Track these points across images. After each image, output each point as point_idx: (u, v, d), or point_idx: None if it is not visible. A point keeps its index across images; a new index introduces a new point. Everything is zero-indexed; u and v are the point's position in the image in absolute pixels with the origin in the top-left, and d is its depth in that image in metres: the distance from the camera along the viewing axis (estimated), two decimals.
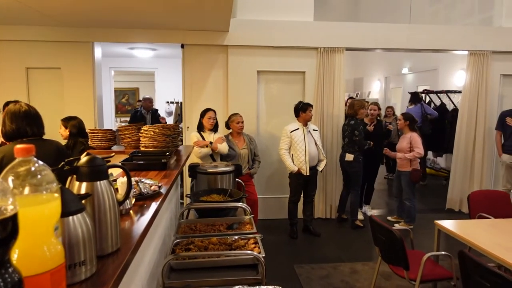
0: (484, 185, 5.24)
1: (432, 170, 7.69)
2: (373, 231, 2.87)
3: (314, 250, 4.06)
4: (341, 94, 4.98)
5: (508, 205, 3.46)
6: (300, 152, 4.21)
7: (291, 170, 4.23)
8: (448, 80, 7.52)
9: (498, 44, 5.14)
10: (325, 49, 4.87)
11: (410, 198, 4.57)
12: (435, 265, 2.78)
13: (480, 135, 5.21)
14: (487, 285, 1.99)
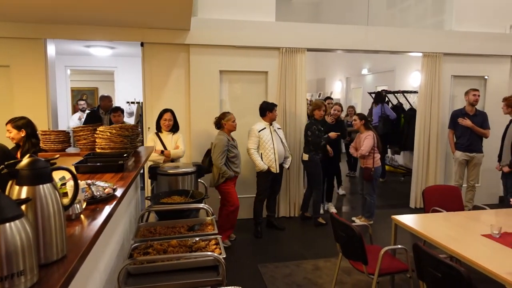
0: (438, 181, 5.51)
1: (391, 168, 7.99)
2: (333, 228, 2.93)
3: (278, 249, 4.08)
4: (303, 94, 5.05)
5: (458, 199, 3.65)
6: (269, 151, 4.25)
7: (262, 169, 4.25)
8: (404, 81, 7.85)
9: (449, 47, 5.43)
10: (287, 49, 4.92)
11: (371, 194, 4.73)
12: (392, 258, 2.87)
13: (434, 133, 5.47)
14: (439, 276, 2.08)
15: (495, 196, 5.73)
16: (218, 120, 4.06)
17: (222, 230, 4.03)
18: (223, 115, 4.05)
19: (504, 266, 2.09)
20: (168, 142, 4.02)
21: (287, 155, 4.49)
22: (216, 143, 3.96)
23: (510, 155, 4.35)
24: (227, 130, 4.03)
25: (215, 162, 3.92)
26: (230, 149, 3.97)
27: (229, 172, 3.92)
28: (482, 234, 2.59)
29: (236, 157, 4.03)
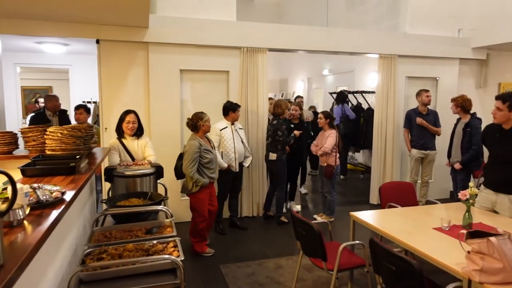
0: (394, 177, 5.73)
1: (351, 166, 8.22)
2: (294, 226, 2.96)
3: (240, 249, 4.07)
4: (264, 93, 5.08)
5: (412, 195, 3.81)
6: (230, 150, 4.24)
7: (222, 167, 4.21)
8: (363, 81, 8.11)
9: (403, 49, 5.66)
10: (248, 49, 4.93)
11: (331, 192, 4.83)
12: (351, 254, 2.95)
13: (390, 132, 5.69)
14: (393, 269, 2.15)
15: (447, 191, 6.05)
16: (194, 122, 3.70)
17: (195, 239, 3.90)
18: (200, 117, 3.70)
19: (453, 257, 2.20)
20: (134, 148, 3.50)
21: (247, 154, 4.51)
22: (187, 149, 3.65)
23: (460, 152, 4.61)
24: (203, 132, 3.73)
25: (185, 171, 3.61)
26: (203, 154, 3.65)
27: (203, 179, 3.64)
28: (433, 228, 2.72)
29: (211, 162, 3.71)
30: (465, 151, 4.55)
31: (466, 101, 4.61)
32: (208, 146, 3.77)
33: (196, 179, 3.62)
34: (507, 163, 2.97)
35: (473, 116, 4.61)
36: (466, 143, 4.54)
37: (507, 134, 2.99)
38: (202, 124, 3.71)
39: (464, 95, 4.71)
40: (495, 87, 6.48)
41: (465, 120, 4.61)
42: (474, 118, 4.58)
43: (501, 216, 3.01)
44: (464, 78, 6.20)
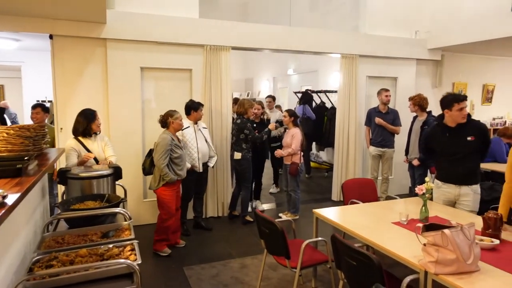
0: (357, 174, 5.87)
1: (315, 164, 8.34)
2: (258, 225, 2.94)
3: (205, 250, 4.00)
4: (228, 92, 5.03)
5: (373, 191, 3.91)
6: (193, 150, 4.15)
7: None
8: (327, 81, 8.25)
9: (364, 49, 5.81)
10: (211, 47, 4.86)
11: (295, 190, 4.86)
12: (314, 251, 2.97)
13: (352, 130, 5.82)
14: (354, 264, 2.18)
15: (406, 187, 6.27)
16: (165, 119, 3.77)
17: (158, 238, 3.82)
18: (170, 114, 3.77)
19: (410, 250, 2.26)
20: (95, 147, 3.44)
21: (212, 154, 4.44)
22: (159, 142, 3.68)
23: (418, 149, 4.78)
24: (173, 129, 3.77)
25: (157, 162, 3.65)
26: (174, 149, 3.69)
27: (171, 175, 3.65)
28: (393, 222, 2.79)
29: (180, 158, 3.75)
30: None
31: (423, 100, 4.79)
32: (178, 143, 3.81)
33: (165, 173, 3.64)
34: (466, 155, 3.11)
35: (429, 114, 4.80)
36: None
37: (456, 130, 3.14)
38: (172, 121, 3.75)
39: (421, 94, 4.89)
40: (450, 87, 6.81)
41: (422, 118, 4.79)
42: (430, 116, 4.77)
43: (455, 209, 3.15)
44: (421, 78, 6.46)
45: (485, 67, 7.25)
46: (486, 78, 7.31)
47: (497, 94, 7.50)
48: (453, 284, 1.90)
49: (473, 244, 1.99)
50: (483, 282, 1.90)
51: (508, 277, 1.95)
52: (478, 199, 3.14)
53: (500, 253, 2.25)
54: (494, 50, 6.62)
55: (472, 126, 3.12)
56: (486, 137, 3.14)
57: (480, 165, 3.23)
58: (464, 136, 3.09)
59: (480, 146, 3.12)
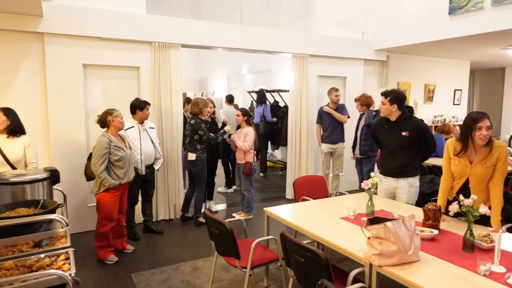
0: (309, 172, 5.96)
1: (270, 163, 8.39)
2: (208, 226, 2.86)
3: (155, 254, 3.85)
4: (179, 91, 4.89)
5: (324, 187, 3.98)
6: (136, 151, 3.96)
7: None
8: (280, 80, 8.33)
9: (314, 49, 5.91)
10: (160, 44, 4.70)
11: (248, 189, 4.83)
12: (265, 250, 2.95)
13: (304, 129, 5.91)
14: (302, 260, 2.18)
15: (357, 183, 6.46)
16: (103, 118, 3.51)
17: (99, 244, 3.60)
18: (109, 112, 3.53)
19: (357, 243, 2.30)
20: (9, 148, 3.16)
21: (158, 156, 4.25)
22: (95, 146, 3.46)
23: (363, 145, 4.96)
24: (115, 129, 3.53)
25: (93, 168, 3.41)
26: (113, 151, 3.44)
27: (111, 180, 3.41)
28: (341, 217, 2.84)
29: (122, 160, 3.49)
30: (366, 142, 4.90)
31: (369, 99, 4.97)
32: (121, 144, 3.56)
33: (104, 179, 3.40)
34: (401, 149, 3.25)
35: (376, 112, 4.98)
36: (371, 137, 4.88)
37: (394, 125, 3.28)
38: (112, 119, 3.51)
39: (365, 94, 5.07)
40: (395, 86, 7.12)
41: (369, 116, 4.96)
42: (377, 115, 4.95)
43: (399, 203, 3.27)
44: (368, 77, 6.71)
45: (426, 67, 7.69)
46: (427, 78, 7.75)
47: (438, 93, 7.99)
48: (395, 275, 1.95)
49: (413, 235, 2.06)
50: (424, 271, 1.97)
51: (446, 265, 2.03)
52: (413, 192, 3.27)
53: (439, 243, 2.35)
54: (434, 52, 7.03)
55: (409, 123, 3.25)
56: (420, 135, 3.21)
57: (417, 160, 3.31)
58: (400, 131, 3.23)
59: (416, 142, 3.22)
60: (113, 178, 3.47)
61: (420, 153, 3.33)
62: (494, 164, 2.59)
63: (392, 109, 3.25)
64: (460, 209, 2.26)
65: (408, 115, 3.31)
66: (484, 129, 2.53)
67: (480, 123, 2.55)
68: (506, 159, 2.62)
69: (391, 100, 3.23)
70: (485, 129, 2.53)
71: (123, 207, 3.72)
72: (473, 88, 10.60)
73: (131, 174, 3.65)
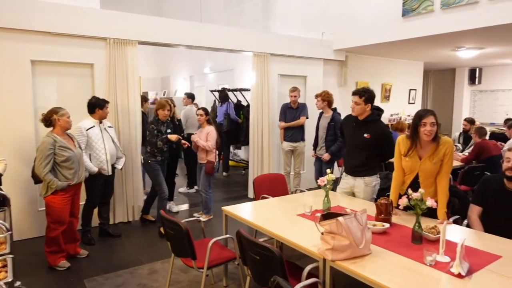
0: (271, 170, 5.99)
1: (233, 162, 8.36)
2: (164, 227, 2.79)
3: (111, 258, 3.71)
4: (136, 89, 4.74)
5: (284, 185, 4.01)
6: (100, 151, 3.81)
7: (91, 172, 3.78)
8: (242, 79, 8.32)
9: (275, 48, 5.95)
10: (115, 40, 4.53)
11: (206, 190, 4.75)
12: (223, 249, 2.92)
13: (266, 127, 5.93)
14: (257, 258, 2.17)
15: None
16: (48, 116, 3.32)
17: (49, 249, 3.41)
18: (54, 111, 3.34)
19: (312, 239, 2.32)
20: None
21: (120, 155, 4.12)
22: (38, 147, 3.29)
23: (325, 144, 5.03)
24: (61, 128, 3.34)
25: (37, 170, 3.24)
26: (59, 151, 3.25)
27: (57, 182, 3.24)
28: (298, 214, 2.86)
29: (69, 161, 3.31)
30: (330, 143, 4.98)
31: (330, 96, 5.04)
32: (68, 143, 3.37)
33: (49, 181, 3.22)
34: (360, 149, 3.32)
35: (334, 111, 5.08)
36: (330, 136, 4.97)
37: (360, 124, 3.34)
38: (57, 118, 3.32)
39: (326, 91, 5.15)
40: (353, 86, 7.32)
41: (328, 115, 5.05)
42: (336, 113, 5.06)
43: (355, 198, 3.36)
44: (328, 77, 6.85)
45: (383, 68, 7.97)
46: (384, 78, 8.04)
47: (394, 92, 8.30)
48: (348, 269, 1.98)
49: (365, 229, 2.11)
50: (374, 264, 2.02)
51: (396, 257, 2.10)
52: (370, 191, 3.35)
53: (390, 236, 2.42)
54: (389, 53, 7.29)
55: (375, 126, 3.30)
56: (381, 141, 3.26)
57: (375, 161, 3.37)
58: (363, 132, 3.29)
59: (376, 146, 3.28)
60: (60, 180, 3.30)
61: (379, 156, 3.39)
62: (442, 159, 2.71)
63: (366, 108, 3.28)
64: (409, 202, 2.35)
65: (376, 118, 3.35)
66: (429, 125, 2.63)
67: (425, 119, 2.65)
68: (452, 154, 2.75)
69: (365, 100, 3.23)
70: (429, 125, 2.63)
71: (75, 209, 3.55)
72: (427, 87, 11.12)
73: (82, 174, 3.49)
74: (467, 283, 1.81)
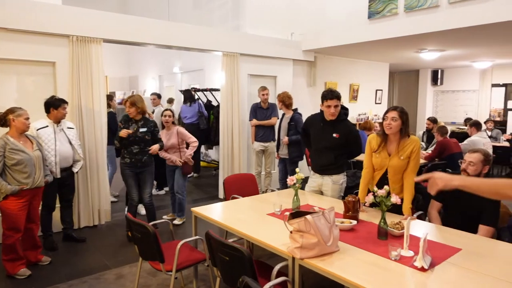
0: (242, 170, 5.98)
1: (204, 163, 8.29)
2: (130, 230, 2.72)
3: (75, 264, 3.57)
4: (101, 89, 4.59)
5: (254, 185, 4.00)
6: (50, 153, 3.64)
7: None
8: (212, 79, 8.26)
9: (245, 48, 5.95)
10: (79, 38, 4.37)
11: (183, 191, 4.67)
12: (192, 250, 2.88)
13: (236, 127, 5.91)
14: (227, 259, 2.15)
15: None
16: (4, 115, 3.17)
17: (6, 257, 3.23)
18: (11, 110, 3.18)
19: (281, 238, 2.33)
20: None
21: (77, 158, 3.92)
22: None
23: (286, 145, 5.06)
24: (16, 130, 3.18)
25: None
26: (9, 155, 3.08)
27: (7, 186, 3.07)
28: (268, 213, 2.87)
29: (22, 164, 3.13)
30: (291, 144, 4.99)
31: (286, 97, 5.06)
32: (22, 146, 3.19)
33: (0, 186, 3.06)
34: (328, 149, 3.37)
35: (295, 111, 5.12)
36: (291, 135, 5.00)
37: (329, 124, 3.38)
38: (12, 118, 3.16)
39: (286, 92, 5.19)
40: (322, 86, 7.45)
41: (288, 115, 5.10)
42: (296, 113, 5.09)
43: (325, 197, 3.41)
44: (297, 77, 6.92)
45: (351, 68, 8.16)
46: (352, 78, 8.23)
47: (361, 93, 8.52)
48: (316, 266, 2.00)
49: (332, 226, 2.14)
50: (341, 260, 2.05)
51: (363, 254, 2.14)
52: (337, 189, 3.42)
53: (358, 233, 2.47)
54: (357, 54, 7.48)
55: (343, 126, 3.37)
56: (349, 140, 3.35)
57: (342, 160, 3.44)
58: (332, 132, 3.34)
59: (345, 145, 3.35)
60: (12, 184, 3.12)
61: (346, 155, 3.47)
62: (409, 156, 2.81)
63: (338, 111, 3.33)
64: (375, 199, 2.40)
65: (343, 117, 3.41)
66: (389, 119, 2.77)
67: (387, 114, 2.81)
68: (419, 153, 2.86)
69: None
70: (390, 119, 2.77)
71: (34, 215, 3.37)
72: (393, 88, 11.50)
73: (39, 178, 3.29)
74: (429, 276, 1.87)
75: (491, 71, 9.78)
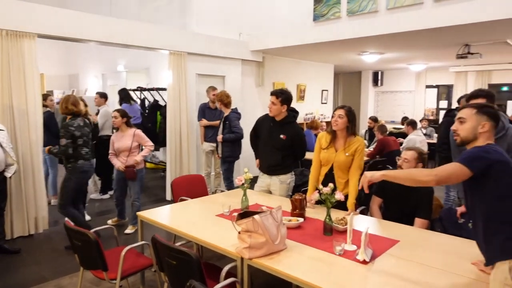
0: (191, 171, 5.89)
1: (152, 164, 8.04)
2: (69, 238, 2.55)
3: (8, 277, 3.28)
4: (36, 87, 4.26)
5: (203, 186, 3.94)
6: None
7: None
8: (159, 78, 8.02)
9: (192, 47, 5.85)
10: (9, 32, 4.03)
11: (139, 198, 4.42)
12: (139, 256, 2.77)
13: (184, 127, 5.80)
14: (174, 263, 2.10)
15: None
16: None
17: None
18: None
19: (230, 239, 2.32)
20: None
21: (10, 161, 3.62)
22: None
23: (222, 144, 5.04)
24: None
25: None
26: None
27: None
28: (216, 215, 2.84)
29: None
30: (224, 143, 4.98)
31: (224, 96, 5.02)
32: None
33: None
34: (276, 150, 3.42)
35: (232, 110, 5.07)
36: (226, 134, 4.97)
37: (277, 125, 3.43)
38: None
39: (224, 91, 5.17)
40: (271, 86, 7.55)
41: (227, 114, 5.09)
42: (232, 112, 5.03)
43: (273, 196, 3.45)
44: (246, 77, 6.95)
45: (298, 69, 8.36)
46: (299, 79, 8.43)
47: (308, 93, 8.76)
48: (264, 265, 2.02)
49: (280, 225, 2.17)
50: (289, 258, 2.08)
51: (309, 250, 2.20)
52: (285, 188, 3.48)
53: (305, 230, 2.53)
54: (303, 55, 7.67)
55: (291, 128, 3.42)
56: (295, 141, 3.42)
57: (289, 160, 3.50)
58: (279, 133, 3.39)
59: (291, 146, 3.42)
60: None
61: (292, 156, 3.53)
62: (353, 154, 2.95)
63: (282, 110, 3.36)
64: (320, 197, 2.48)
65: (292, 119, 3.47)
66: (336, 116, 2.95)
67: (335, 112, 2.99)
68: (363, 152, 3.02)
69: (282, 101, 3.31)
70: (337, 116, 2.95)
71: None
72: (337, 88, 11.97)
73: None
74: (370, 268, 1.96)
75: (425, 73, 10.55)
